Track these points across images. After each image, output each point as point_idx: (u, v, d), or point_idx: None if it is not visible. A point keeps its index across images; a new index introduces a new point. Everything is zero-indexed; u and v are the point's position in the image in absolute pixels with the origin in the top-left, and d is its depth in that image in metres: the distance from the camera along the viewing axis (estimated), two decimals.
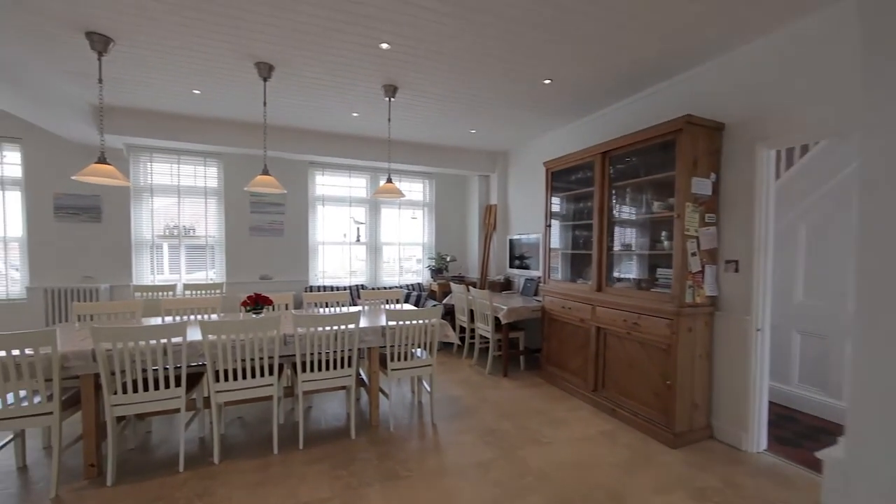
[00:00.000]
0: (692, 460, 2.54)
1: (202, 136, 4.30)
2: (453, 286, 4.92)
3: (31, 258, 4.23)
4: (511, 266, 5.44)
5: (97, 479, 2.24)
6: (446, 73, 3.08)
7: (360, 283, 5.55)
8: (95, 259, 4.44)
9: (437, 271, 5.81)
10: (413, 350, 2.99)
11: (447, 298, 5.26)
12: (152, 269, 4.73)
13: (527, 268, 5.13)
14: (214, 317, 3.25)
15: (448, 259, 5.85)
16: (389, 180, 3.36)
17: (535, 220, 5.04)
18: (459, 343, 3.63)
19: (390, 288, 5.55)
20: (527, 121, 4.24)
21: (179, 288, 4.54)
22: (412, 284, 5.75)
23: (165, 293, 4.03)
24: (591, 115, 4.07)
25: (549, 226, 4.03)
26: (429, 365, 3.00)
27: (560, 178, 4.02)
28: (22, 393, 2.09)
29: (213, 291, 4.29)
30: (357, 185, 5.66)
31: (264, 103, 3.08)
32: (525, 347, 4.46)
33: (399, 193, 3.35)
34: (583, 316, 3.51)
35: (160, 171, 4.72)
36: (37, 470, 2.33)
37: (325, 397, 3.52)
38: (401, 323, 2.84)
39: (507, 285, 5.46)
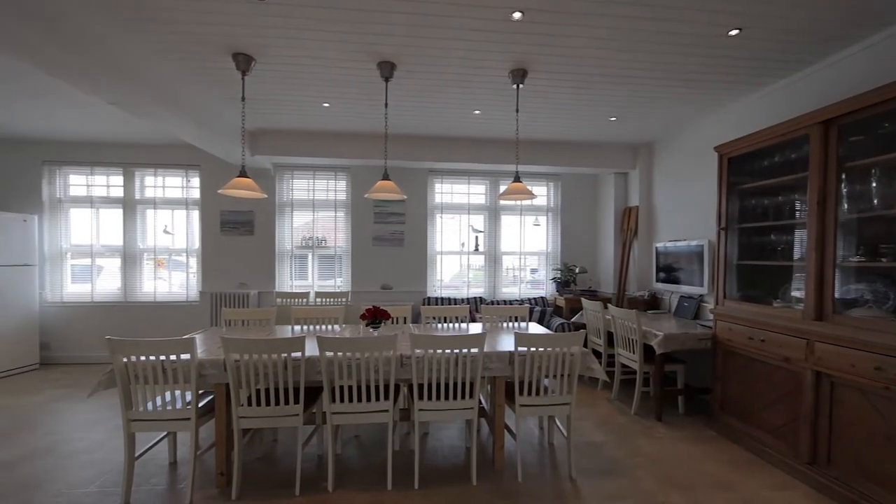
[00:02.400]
0: None
1: (332, 149, 4.48)
2: (585, 302, 4.19)
3: (203, 267, 4.93)
4: (656, 280, 4.46)
5: (226, 488, 2.24)
6: (588, 42, 2.51)
7: (478, 296, 5.19)
8: (249, 267, 4.98)
9: (563, 284, 5.11)
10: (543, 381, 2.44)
11: (576, 316, 4.54)
12: (291, 276, 5.12)
13: (675, 282, 4.11)
14: (337, 328, 3.20)
15: (577, 270, 5.10)
16: (517, 179, 2.89)
17: (690, 223, 4.02)
18: (608, 380, 2.94)
19: (512, 302, 5.05)
20: (687, 97, 3.35)
21: (312, 295, 4.80)
22: (535, 298, 5.16)
23: (301, 300, 4.32)
24: (783, 81, 3.00)
25: (725, 228, 3.07)
26: (567, 403, 2.42)
27: (739, 166, 3.03)
28: (168, 397, 2.21)
29: (339, 300, 4.42)
30: (476, 191, 5.36)
31: (385, 104, 2.94)
32: (686, 385, 3.49)
33: (529, 193, 2.87)
34: (788, 353, 2.50)
35: (299, 188, 5.12)
36: (184, 468, 2.46)
37: (443, 424, 3.18)
38: (532, 349, 2.33)
39: (653, 303, 4.49)
